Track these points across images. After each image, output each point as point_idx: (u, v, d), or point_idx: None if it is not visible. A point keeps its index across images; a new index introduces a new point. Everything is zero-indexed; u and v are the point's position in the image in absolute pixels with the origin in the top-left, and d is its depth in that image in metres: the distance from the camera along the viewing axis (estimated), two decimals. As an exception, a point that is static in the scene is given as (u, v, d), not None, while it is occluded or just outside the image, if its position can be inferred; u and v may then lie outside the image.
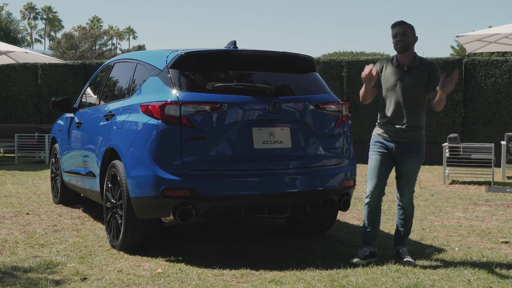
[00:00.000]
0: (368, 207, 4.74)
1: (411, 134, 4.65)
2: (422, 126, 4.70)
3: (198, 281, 4.12)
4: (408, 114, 4.63)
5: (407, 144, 4.66)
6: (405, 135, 4.64)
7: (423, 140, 4.73)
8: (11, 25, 33.06)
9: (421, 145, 4.71)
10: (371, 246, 4.72)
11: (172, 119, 4.64)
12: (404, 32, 4.61)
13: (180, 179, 4.60)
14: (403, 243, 4.82)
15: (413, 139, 4.66)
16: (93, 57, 44.19)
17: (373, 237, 4.75)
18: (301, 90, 5.18)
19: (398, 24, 4.66)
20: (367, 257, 4.64)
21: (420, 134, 4.69)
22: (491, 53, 29.09)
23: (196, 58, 5.04)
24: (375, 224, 4.76)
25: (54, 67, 16.04)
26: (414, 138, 4.66)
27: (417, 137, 4.67)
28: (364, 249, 4.72)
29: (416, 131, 4.66)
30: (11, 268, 4.48)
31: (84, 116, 6.55)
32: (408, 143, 4.66)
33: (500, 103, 13.68)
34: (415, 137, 4.66)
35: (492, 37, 11.53)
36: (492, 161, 9.88)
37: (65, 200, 7.47)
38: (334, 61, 14.55)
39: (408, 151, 4.65)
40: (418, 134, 4.68)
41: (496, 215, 6.88)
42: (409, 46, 4.62)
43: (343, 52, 55.71)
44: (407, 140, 4.65)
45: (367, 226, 4.76)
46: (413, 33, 4.66)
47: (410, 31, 4.63)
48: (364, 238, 4.79)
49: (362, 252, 4.69)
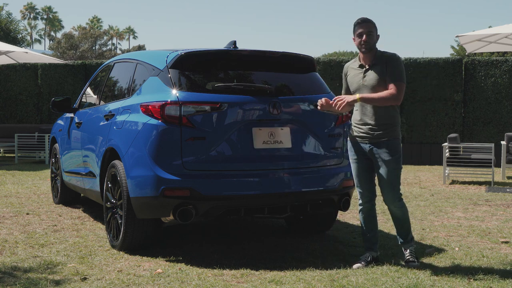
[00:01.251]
0: (362, 213, 4.70)
1: (382, 133, 4.45)
2: (393, 124, 4.48)
3: (198, 281, 4.12)
4: (376, 113, 4.45)
5: (380, 144, 4.46)
6: (376, 134, 4.46)
7: (397, 138, 4.49)
8: (11, 25, 33.06)
9: (395, 143, 4.47)
10: (373, 251, 4.66)
11: (172, 119, 4.64)
12: (369, 32, 4.45)
13: (180, 179, 4.60)
14: (405, 243, 4.66)
15: (384, 137, 4.45)
16: (93, 57, 44.20)
17: (374, 242, 4.68)
18: (301, 90, 5.18)
19: (363, 21, 4.48)
20: (369, 263, 4.57)
21: (391, 132, 4.47)
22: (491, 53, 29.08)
23: (196, 58, 5.04)
24: (373, 228, 4.69)
25: (54, 67, 16.04)
26: (385, 137, 4.45)
27: (388, 135, 4.45)
28: (366, 254, 4.65)
29: (387, 129, 4.45)
30: (11, 268, 4.48)
31: (84, 116, 6.55)
32: (381, 143, 4.45)
33: (500, 103, 13.69)
34: (386, 136, 4.45)
35: (492, 37, 11.54)
36: (492, 161, 9.88)
37: (65, 200, 7.47)
38: (334, 61, 14.55)
39: (382, 151, 4.46)
40: (390, 132, 4.46)
41: (496, 215, 6.88)
42: (374, 46, 4.48)
43: (343, 52, 55.70)
44: (378, 139, 4.46)
45: (365, 232, 4.69)
46: (377, 31, 4.50)
47: (375, 30, 4.48)
48: (365, 243, 4.72)
49: (364, 258, 4.63)
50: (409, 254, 4.61)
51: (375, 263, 4.58)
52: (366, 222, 4.68)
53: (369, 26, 4.47)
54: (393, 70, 4.41)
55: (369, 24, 4.47)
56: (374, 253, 4.66)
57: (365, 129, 4.51)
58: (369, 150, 4.53)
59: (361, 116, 4.53)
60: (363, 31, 4.45)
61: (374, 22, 4.51)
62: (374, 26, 4.49)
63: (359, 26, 4.48)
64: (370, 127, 4.49)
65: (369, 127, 4.49)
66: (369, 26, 4.47)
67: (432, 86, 13.89)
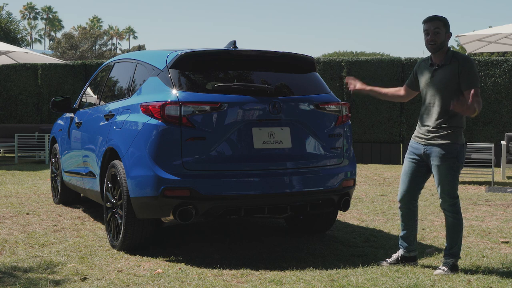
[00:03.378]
0: (399, 212, 4.63)
1: (440, 135, 4.29)
2: (455, 127, 4.28)
3: (198, 281, 4.12)
4: (438, 115, 4.29)
5: (435, 147, 4.30)
6: (434, 136, 4.31)
7: (456, 143, 4.27)
8: (11, 25, 33.05)
9: (452, 147, 4.26)
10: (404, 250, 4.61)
11: (172, 119, 4.64)
12: (436, 30, 4.24)
13: (180, 179, 4.60)
14: (446, 254, 4.43)
15: (442, 140, 4.28)
16: (93, 57, 44.21)
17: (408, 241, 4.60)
18: (301, 90, 5.18)
19: (430, 20, 4.28)
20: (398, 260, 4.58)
21: (451, 135, 4.27)
22: (491, 53, 29.11)
23: (196, 58, 5.04)
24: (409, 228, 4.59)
25: (54, 67, 16.04)
26: (443, 140, 4.28)
27: (446, 139, 4.27)
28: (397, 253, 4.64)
29: (445, 132, 4.27)
30: (11, 268, 4.48)
31: (84, 116, 6.55)
32: (437, 146, 4.30)
33: (500, 103, 13.68)
34: (444, 138, 4.27)
35: (492, 37, 11.54)
36: (492, 161, 9.88)
37: (65, 200, 7.47)
38: (334, 61, 14.55)
39: (436, 153, 4.30)
40: (449, 135, 4.27)
41: (496, 215, 6.88)
42: (441, 45, 4.28)
43: (343, 52, 55.70)
44: (435, 142, 4.31)
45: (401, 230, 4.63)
46: (447, 30, 4.27)
47: (444, 28, 4.25)
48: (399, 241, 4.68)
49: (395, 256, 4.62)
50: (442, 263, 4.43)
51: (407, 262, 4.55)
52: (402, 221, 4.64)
53: (436, 24, 4.26)
54: (468, 75, 4.21)
55: (436, 22, 4.27)
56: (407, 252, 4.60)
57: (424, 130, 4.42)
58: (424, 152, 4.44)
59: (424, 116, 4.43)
60: (429, 29, 4.27)
61: (445, 20, 4.30)
62: (442, 24, 4.27)
63: (426, 24, 4.31)
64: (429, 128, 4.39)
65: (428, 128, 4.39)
66: (436, 24, 4.26)
67: (432, 86, 13.88)
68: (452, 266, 4.35)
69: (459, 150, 4.31)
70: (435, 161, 4.32)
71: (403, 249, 4.61)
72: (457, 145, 4.30)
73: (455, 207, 4.37)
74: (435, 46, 4.30)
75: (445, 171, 4.29)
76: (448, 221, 4.42)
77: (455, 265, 4.37)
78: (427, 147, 4.36)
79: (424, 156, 4.40)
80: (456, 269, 4.36)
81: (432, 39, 4.29)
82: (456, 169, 4.32)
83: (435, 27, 4.28)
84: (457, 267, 4.38)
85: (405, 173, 4.53)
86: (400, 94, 4.77)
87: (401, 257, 4.59)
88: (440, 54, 4.34)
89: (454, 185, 4.34)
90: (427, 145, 4.36)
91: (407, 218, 4.58)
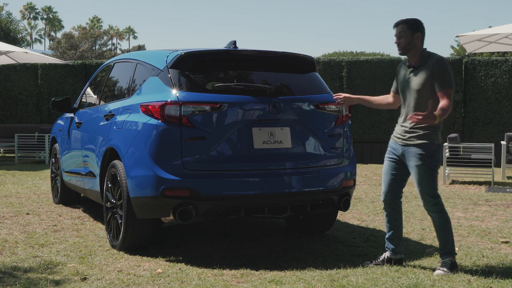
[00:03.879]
0: (384, 212, 4.64)
1: (416, 136, 4.33)
2: (431, 127, 4.31)
3: (198, 281, 4.12)
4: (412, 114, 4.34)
5: (411, 147, 4.35)
6: (410, 136, 4.36)
7: (432, 143, 4.32)
8: (11, 25, 33.06)
9: (428, 147, 4.31)
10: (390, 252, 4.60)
11: (172, 119, 4.64)
12: (400, 34, 4.38)
13: (180, 179, 4.60)
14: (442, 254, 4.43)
15: (418, 140, 4.33)
16: (93, 57, 44.21)
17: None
18: (301, 90, 5.18)
19: (395, 25, 4.43)
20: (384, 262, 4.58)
21: (427, 135, 4.31)
22: (491, 53, 29.10)
23: (196, 58, 5.04)
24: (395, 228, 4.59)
25: (54, 67, 16.04)
26: (419, 140, 4.32)
27: (423, 139, 4.31)
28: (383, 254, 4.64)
29: (422, 132, 4.31)
30: (11, 268, 4.48)
31: (84, 116, 6.55)
32: (413, 146, 4.35)
33: (500, 103, 13.69)
34: (420, 139, 4.32)
35: (492, 37, 11.54)
36: (492, 161, 9.88)
37: (65, 200, 7.47)
38: (334, 61, 14.55)
39: (412, 154, 4.34)
40: (425, 135, 4.31)
41: (496, 215, 6.88)
42: (407, 48, 4.37)
43: (343, 52, 55.70)
44: (411, 142, 4.36)
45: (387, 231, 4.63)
46: (413, 31, 4.35)
47: (408, 31, 4.35)
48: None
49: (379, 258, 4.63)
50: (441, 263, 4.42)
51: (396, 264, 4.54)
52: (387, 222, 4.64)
53: (400, 28, 4.39)
54: (441, 76, 4.26)
55: (400, 26, 4.39)
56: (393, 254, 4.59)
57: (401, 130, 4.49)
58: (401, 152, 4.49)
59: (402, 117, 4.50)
60: (395, 34, 4.43)
61: (410, 22, 4.37)
62: (407, 27, 4.36)
63: (394, 29, 4.45)
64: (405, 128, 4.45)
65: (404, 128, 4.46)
66: (400, 28, 4.39)
67: (432, 86, 13.88)
68: (451, 265, 4.35)
69: (435, 149, 4.35)
70: (412, 161, 4.37)
71: (389, 251, 4.61)
72: (434, 145, 4.35)
73: (438, 206, 4.39)
74: (399, 48, 4.42)
75: (422, 171, 4.33)
76: (435, 221, 4.44)
77: (453, 263, 4.38)
78: (404, 147, 4.42)
79: (402, 156, 4.46)
80: (455, 266, 4.37)
81: (396, 42, 4.43)
82: (433, 168, 4.37)
83: (399, 31, 4.40)
84: (456, 265, 4.39)
85: (385, 172, 4.58)
86: (389, 102, 4.79)
87: (387, 259, 4.59)
88: (414, 56, 4.41)
89: (433, 184, 4.38)
90: (404, 145, 4.42)
91: (392, 218, 4.60)
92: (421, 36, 4.39)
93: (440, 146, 4.40)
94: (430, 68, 4.29)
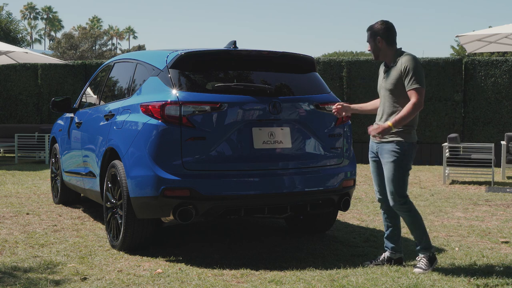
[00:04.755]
0: (381, 211, 4.66)
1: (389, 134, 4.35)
2: (404, 126, 4.33)
3: (198, 281, 4.12)
4: (388, 114, 4.39)
5: (384, 144, 4.39)
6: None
7: (404, 141, 4.33)
8: (11, 25, 33.03)
9: (400, 145, 4.32)
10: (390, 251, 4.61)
11: (172, 119, 4.64)
12: (367, 42, 4.53)
13: (180, 179, 4.60)
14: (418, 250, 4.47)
15: (390, 138, 4.34)
16: (93, 57, 44.21)
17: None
18: (301, 90, 5.18)
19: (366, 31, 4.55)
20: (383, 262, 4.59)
21: (400, 133, 4.33)
22: (491, 53, 29.11)
23: (196, 58, 5.04)
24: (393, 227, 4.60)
25: (54, 67, 16.04)
26: (391, 138, 4.34)
27: (395, 137, 4.33)
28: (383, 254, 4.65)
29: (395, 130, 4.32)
30: (11, 268, 4.48)
31: (84, 116, 6.55)
32: (385, 143, 4.38)
33: (500, 103, 13.69)
34: (393, 136, 4.33)
35: (492, 37, 11.54)
36: (492, 161, 9.88)
37: (65, 200, 7.47)
38: (334, 61, 14.55)
39: (385, 151, 4.38)
40: (398, 133, 4.33)
41: (496, 215, 6.88)
42: (375, 53, 4.50)
43: (343, 52, 55.72)
44: (384, 139, 4.38)
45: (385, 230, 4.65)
46: (373, 39, 4.45)
47: (371, 38, 4.46)
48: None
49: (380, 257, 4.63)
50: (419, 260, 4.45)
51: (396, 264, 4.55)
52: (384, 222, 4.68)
53: (368, 35, 4.52)
54: (410, 75, 4.30)
55: (367, 34, 4.52)
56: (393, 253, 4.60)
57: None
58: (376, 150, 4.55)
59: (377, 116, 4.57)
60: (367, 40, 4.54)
61: (371, 30, 4.47)
62: (369, 35, 4.49)
63: None
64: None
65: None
66: (368, 35, 4.52)
67: (432, 86, 13.89)
68: (429, 260, 4.39)
69: (406, 148, 4.36)
70: (384, 158, 4.42)
71: (389, 250, 4.62)
72: (406, 143, 4.36)
73: (405, 206, 4.40)
74: (372, 54, 4.55)
75: (392, 168, 4.36)
76: (406, 220, 4.47)
77: (431, 258, 4.41)
78: (378, 144, 4.47)
79: (377, 154, 4.51)
80: (434, 261, 4.40)
81: (368, 50, 4.57)
82: (403, 167, 4.37)
83: (367, 39, 4.54)
84: (434, 259, 4.42)
85: (372, 172, 4.64)
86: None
87: (387, 259, 4.60)
88: (386, 57, 4.50)
89: (402, 184, 4.38)
90: (379, 143, 4.47)
91: (389, 216, 4.61)
92: (383, 39, 4.44)
93: (413, 145, 4.42)
94: (400, 67, 4.35)
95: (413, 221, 4.44)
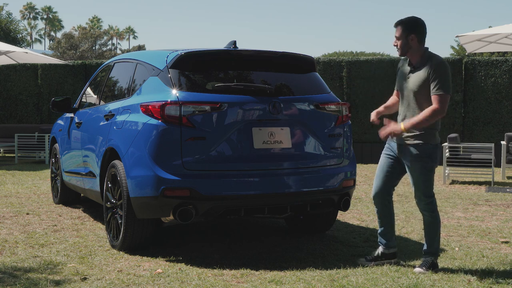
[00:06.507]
0: (375, 208, 4.67)
1: (413, 136, 4.31)
2: (428, 128, 4.29)
3: (198, 281, 4.12)
4: (412, 116, 4.31)
5: (407, 147, 4.35)
6: (407, 136, 4.34)
7: (428, 143, 4.30)
8: (11, 25, 33.03)
9: (425, 147, 4.29)
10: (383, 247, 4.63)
11: (172, 119, 4.64)
12: (397, 36, 4.35)
13: (180, 179, 4.60)
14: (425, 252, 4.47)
15: (414, 141, 4.31)
16: (93, 57, 44.22)
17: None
18: (301, 90, 5.18)
19: (395, 25, 4.37)
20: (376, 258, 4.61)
21: (423, 136, 4.29)
22: (491, 53, 29.10)
23: (196, 58, 5.04)
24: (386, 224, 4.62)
25: (54, 67, 16.04)
26: (416, 140, 4.31)
27: (419, 139, 4.30)
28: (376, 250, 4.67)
29: (418, 132, 4.29)
30: (11, 268, 4.48)
31: (84, 116, 6.55)
32: (410, 145, 4.33)
33: (500, 103, 13.69)
34: (417, 139, 4.30)
35: (492, 37, 11.54)
36: (492, 161, 9.88)
37: (65, 200, 7.47)
38: (334, 61, 14.55)
39: (409, 153, 4.34)
40: (421, 136, 4.29)
41: (496, 215, 6.88)
42: (403, 50, 4.33)
43: (343, 52, 55.71)
44: (408, 142, 4.34)
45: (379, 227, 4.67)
46: (408, 33, 4.29)
47: (403, 33, 4.30)
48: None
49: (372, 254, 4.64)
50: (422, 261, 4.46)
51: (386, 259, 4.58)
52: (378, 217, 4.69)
53: (397, 29, 4.36)
54: (438, 80, 4.19)
55: (397, 28, 4.36)
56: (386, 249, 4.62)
57: None
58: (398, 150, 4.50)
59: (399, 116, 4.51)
60: (395, 35, 4.38)
61: (406, 23, 4.32)
62: (401, 29, 4.32)
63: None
64: None
65: None
66: (397, 29, 4.36)
67: (432, 86, 13.89)
68: (431, 265, 4.39)
69: (431, 150, 4.34)
70: (409, 161, 4.38)
71: (382, 246, 4.64)
72: (430, 145, 4.34)
73: (431, 206, 4.41)
74: (398, 50, 4.40)
75: (418, 171, 4.35)
76: (426, 220, 4.46)
77: (434, 263, 4.41)
78: (401, 146, 4.42)
79: (399, 155, 4.47)
80: (435, 267, 4.40)
81: (394, 45, 4.41)
82: (429, 169, 4.37)
83: (396, 33, 4.37)
84: (436, 265, 4.42)
85: (381, 168, 4.59)
86: (397, 101, 4.69)
87: (381, 254, 4.62)
88: (415, 55, 4.36)
89: (429, 184, 4.38)
90: (401, 144, 4.42)
91: (383, 214, 4.62)
92: (417, 37, 4.31)
93: (437, 146, 4.40)
94: (429, 70, 4.24)
95: (432, 222, 4.43)
